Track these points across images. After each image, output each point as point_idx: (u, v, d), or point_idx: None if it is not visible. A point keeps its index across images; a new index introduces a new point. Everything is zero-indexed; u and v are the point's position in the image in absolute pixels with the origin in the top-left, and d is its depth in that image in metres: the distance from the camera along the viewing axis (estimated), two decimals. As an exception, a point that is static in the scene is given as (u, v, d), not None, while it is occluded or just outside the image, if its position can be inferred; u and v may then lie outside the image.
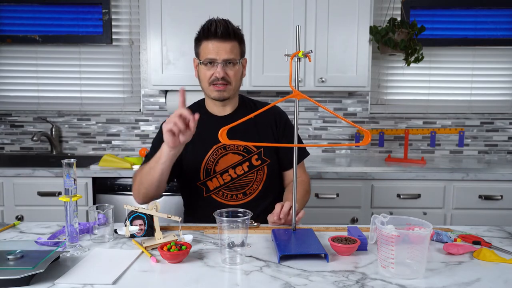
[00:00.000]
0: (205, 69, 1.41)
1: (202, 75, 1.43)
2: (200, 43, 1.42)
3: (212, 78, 1.40)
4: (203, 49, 1.40)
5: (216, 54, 1.38)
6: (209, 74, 1.40)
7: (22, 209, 2.23)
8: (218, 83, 1.40)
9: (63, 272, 0.94)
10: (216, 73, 1.38)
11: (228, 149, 1.46)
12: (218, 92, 1.42)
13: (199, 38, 1.42)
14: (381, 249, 0.94)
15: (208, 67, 1.40)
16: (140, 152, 2.43)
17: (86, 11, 2.78)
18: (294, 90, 1.10)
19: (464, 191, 2.22)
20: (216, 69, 1.39)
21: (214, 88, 1.41)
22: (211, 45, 1.38)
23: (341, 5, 2.36)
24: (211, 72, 1.40)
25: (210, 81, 1.41)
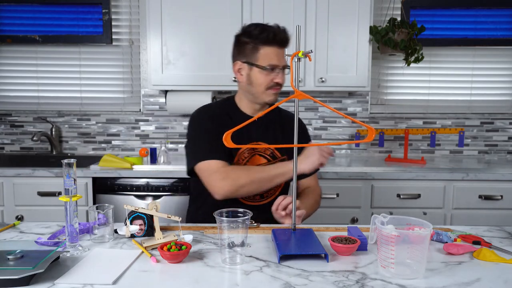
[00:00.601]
0: (263, 74, 1.42)
1: (260, 80, 1.43)
2: (258, 48, 1.42)
3: (272, 84, 1.43)
4: (263, 54, 1.41)
5: (278, 60, 1.41)
6: (268, 79, 1.42)
7: (22, 209, 2.23)
8: (277, 87, 1.45)
9: (63, 272, 0.94)
10: (278, 79, 1.42)
11: (256, 151, 1.50)
12: (274, 96, 1.46)
13: (256, 42, 1.42)
14: (381, 249, 0.94)
15: (268, 72, 1.42)
16: (140, 152, 2.43)
17: (86, 11, 2.78)
18: (296, 90, 1.10)
19: (464, 191, 2.22)
20: (276, 74, 1.42)
21: (271, 91, 1.45)
22: (272, 51, 1.41)
23: (341, 5, 2.36)
24: (270, 77, 1.42)
25: (269, 86, 1.44)
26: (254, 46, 1.42)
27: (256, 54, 1.42)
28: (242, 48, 1.46)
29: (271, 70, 1.41)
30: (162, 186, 2.26)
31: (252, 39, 1.42)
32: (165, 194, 2.26)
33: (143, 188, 2.26)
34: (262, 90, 1.45)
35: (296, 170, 1.20)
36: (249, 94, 1.49)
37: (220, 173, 1.38)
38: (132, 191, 2.26)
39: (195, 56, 2.40)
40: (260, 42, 1.41)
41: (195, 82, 2.42)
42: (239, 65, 1.47)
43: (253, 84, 1.45)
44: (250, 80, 1.45)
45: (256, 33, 1.42)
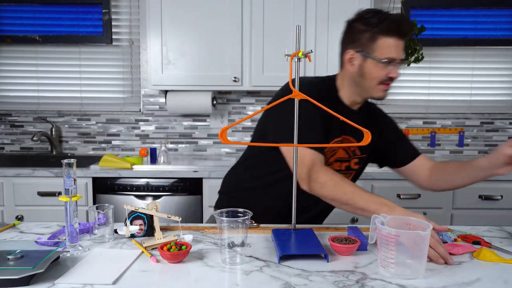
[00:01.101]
0: (379, 67, 1.27)
1: (374, 73, 1.29)
2: (376, 37, 1.26)
3: (385, 78, 1.29)
4: (382, 45, 1.26)
5: (396, 53, 1.27)
6: (383, 73, 1.28)
7: (22, 209, 2.23)
8: (390, 82, 1.31)
9: (63, 272, 0.94)
10: (393, 73, 1.28)
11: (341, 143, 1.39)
12: (385, 92, 1.33)
13: (374, 31, 1.26)
14: (381, 249, 0.94)
15: (384, 65, 1.27)
16: (140, 152, 2.43)
17: (86, 11, 2.78)
18: (294, 90, 1.10)
19: (464, 191, 2.22)
20: (391, 68, 1.28)
21: (383, 87, 1.31)
22: (392, 43, 1.26)
23: (341, 5, 2.36)
24: (385, 71, 1.28)
25: (381, 81, 1.29)
26: (372, 36, 1.26)
27: (374, 44, 1.27)
28: (357, 36, 1.30)
29: (388, 63, 1.27)
30: (162, 186, 2.26)
31: (370, 27, 1.27)
32: (165, 194, 2.26)
33: (143, 188, 2.26)
34: (373, 85, 1.30)
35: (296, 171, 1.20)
36: (357, 86, 1.34)
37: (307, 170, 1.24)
38: (132, 191, 2.26)
39: (195, 56, 2.40)
40: (380, 32, 1.25)
41: (195, 82, 2.42)
42: (351, 54, 1.32)
43: (365, 76, 1.30)
44: (362, 72, 1.30)
45: (375, 21, 1.26)
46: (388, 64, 1.27)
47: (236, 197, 1.49)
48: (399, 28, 1.25)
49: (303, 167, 1.24)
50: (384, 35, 1.25)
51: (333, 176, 1.24)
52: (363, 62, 1.30)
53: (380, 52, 1.26)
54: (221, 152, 2.84)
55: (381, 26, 1.25)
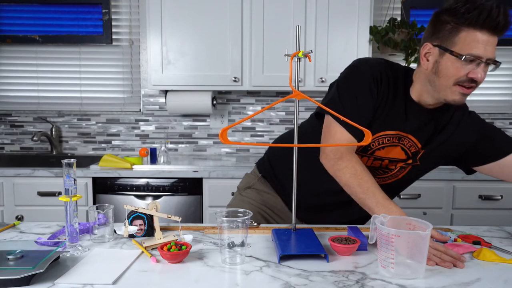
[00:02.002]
0: (458, 64, 1.08)
1: (451, 70, 1.09)
2: (459, 29, 1.07)
3: (464, 79, 1.09)
4: (465, 39, 1.07)
5: (484, 50, 1.07)
6: (463, 72, 1.08)
7: (22, 209, 2.23)
8: (470, 85, 1.10)
9: (63, 272, 0.94)
10: (477, 74, 1.08)
11: (400, 143, 1.23)
12: (462, 96, 1.12)
13: (458, 22, 1.07)
14: (381, 249, 0.94)
15: (466, 63, 1.08)
16: (140, 152, 2.43)
17: (86, 11, 2.78)
18: (294, 90, 1.10)
19: (464, 191, 2.22)
20: (475, 68, 1.08)
21: (461, 89, 1.11)
22: (481, 38, 1.06)
23: (341, 5, 2.36)
24: (465, 70, 1.08)
25: (459, 81, 1.10)
26: (455, 27, 1.08)
27: (455, 37, 1.08)
28: (439, 28, 1.12)
29: (470, 62, 1.07)
30: (162, 186, 2.26)
31: (455, 18, 1.07)
32: (165, 194, 2.26)
33: (143, 188, 2.26)
34: (449, 85, 1.11)
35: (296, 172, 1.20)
36: (430, 84, 1.16)
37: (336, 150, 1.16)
38: (132, 191, 2.26)
39: (195, 56, 2.40)
40: (465, 23, 1.06)
41: (195, 82, 2.42)
42: (427, 48, 1.15)
43: (439, 74, 1.12)
44: (437, 69, 1.12)
45: (463, 10, 1.06)
46: (470, 62, 1.08)
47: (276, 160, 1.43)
48: (492, 20, 1.04)
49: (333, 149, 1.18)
50: (471, 27, 1.06)
51: (355, 164, 1.15)
52: (439, 58, 1.12)
53: (461, 47, 1.07)
54: (221, 152, 2.84)
55: (467, 16, 1.05)
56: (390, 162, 1.27)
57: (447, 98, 1.14)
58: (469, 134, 1.29)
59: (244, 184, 1.52)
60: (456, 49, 1.08)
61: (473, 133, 1.30)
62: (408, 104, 1.21)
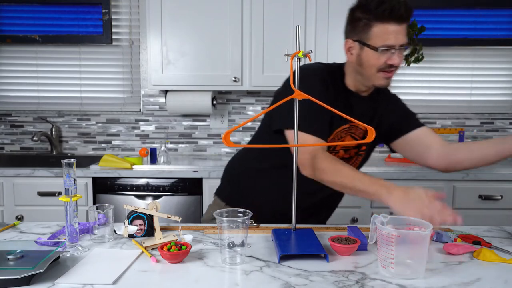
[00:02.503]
0: (376, 55, 1.23)
1: (371, 61, 1.25)
2: (371, 24, 1.22)
3: (385, 65, 1.24)
4: (378, 32, 1.21)
5: (395, 39, 1.21)
6: (382, 60, 1.23)
7: (22, 209, 2.23)
8: (391, 69, 1.26)
9: (63, 272, 0.94)
10: (393, 60, 1.23)
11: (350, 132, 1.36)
12: (387, 80, 1.28)
13: (369, 18, 1.22)
14: (381, 249, 0.94)
15: (383, 53, 1.22)
16: (140, 152, 2.43)
17: (86, 11, 2.78)
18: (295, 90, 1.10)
19: (464, 191, 2.22)
20: (391, 55, 1.23)
21: (384, 75, 1.26)
22: (391, 29, 1.20)
23: (341, 5, 2.35)
24: (384, 58, 1.23)
25: (380, 68, 1.25)
26: (367, 23, 1.23)
27: (369, 31, 1.23)
28: (355, 25, 1.28)
29: (386, 51, 1.22)
30: (162, 186, 2.26)
31: (366, 14, 1.23)
32: (165, 194, 2.26)
33: (143, 188, 2.26)
34: (373, 73, 1.27)
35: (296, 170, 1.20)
36: (359, 74, 1.32)
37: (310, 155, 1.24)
38: (132, 191, 2.26)
39: (195, 56, 2.40)
40: (375, 18, 1.21)
41: (195, 82, 2.42)
42: (349, 44, 1.30)
43: (363, 65, 1.28)
44: (361, 61, 1.28)
45: (372, 7, 1.21)
46: (386, 52, 1.23)
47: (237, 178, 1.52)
48: (396, 12, 1.19)
49: (305, 153, 1.24)
50: (379, 21, 1.21)
51: (332, 161, 1.23)
52: (360, 51, 1.27)
53: (376, 40, 1.22)
54: (221, 152, 2.84)
55: (375, 12, 1.21)
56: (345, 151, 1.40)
57: (375, 84, 1.31)
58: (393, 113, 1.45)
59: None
60: (372, 42, 1.23)
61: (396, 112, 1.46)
62: (349, 96, 1.35)
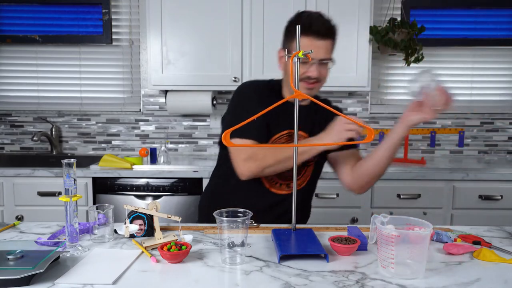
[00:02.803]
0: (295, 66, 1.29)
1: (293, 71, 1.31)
2: (295, 37, 1.27)
3: (304, 76, 1.33)
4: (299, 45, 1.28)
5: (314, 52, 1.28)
6: (301, 71, 1.31)
7: (22, 209, 2.23)
8: (310, 81, 1.34)
9: (63, 272, 0.94)
10: (310, 73, 1.32)
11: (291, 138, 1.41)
12: (308, 90, 1.35)
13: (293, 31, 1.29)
14: (381, 249, 0.94)
15: (302, 64, 1.31)
16: (140, 152, 2.43)
17: (86, 11, 2.78)
18: (295, 90, 1.10)
19: (464, 191, 2.22)
20: (309, 67, 1.31)
21: (304, 85, 1.34)
22: (309, 42, 1.29)
23: (341, 5, 2.36)
24: (303, 70, 1.32)
25: (301, 78, 1.32)
26: (292, 35, 1.33)
27: (292, 43, 1.32)
28: (285, 37, 1.40)
29: (304, 63, 1.30)
30: (162, 186, 2.26)
31: (292, 28, 1.33)
32: (165, 194, 2.26)
33: (143, 188, 2.26)
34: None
35: (296, 164, 1.20)
36: (286, 84, 1.42)
37: (247, 153, 1.33)
38: (132, 191, 2.26)
39: (195, 56, 2.40)
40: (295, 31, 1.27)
41: (195, 82, 2.42)
42: (281, 53, 1.40)
43: (287, 74, 1.38)
44: (286, 70, 1.39)
45: (295, 21, 1.33)
46: (304, 64, 1.31)
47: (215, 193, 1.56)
48: (314, 28, 1.29)
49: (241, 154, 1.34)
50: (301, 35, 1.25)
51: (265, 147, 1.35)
52: (286, 61, 1.36)
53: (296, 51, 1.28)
54: (221, 152, 2.83)
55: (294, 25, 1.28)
56: None
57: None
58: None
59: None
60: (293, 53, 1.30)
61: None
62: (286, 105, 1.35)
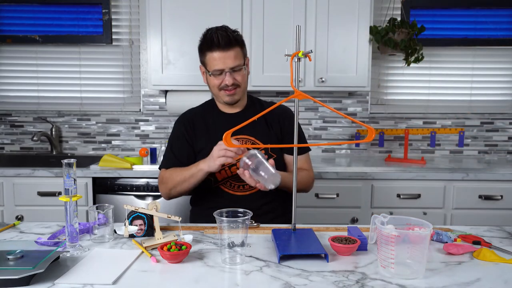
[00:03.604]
0: (213, 79, 1.48)
1: (212, 83, 1.50)
2: (205, 53, 1.47)
3: (222, 85, 1.47)
4: (209, 60, 1.46)
5: (223, 64, 1.43)
6: (218, 82, 1.47)
7: (22, 209, 2.23)
8: (228, 88, 1.47)
9: (63, 272, 0.94)
10: (226, 81, 1.45)
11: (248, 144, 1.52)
12: (229, 97, 1.50)
13: (202, 49, 1.47)
14: (381, 249, 0.94)
15: (217, 76, 1.46)
16: (140, 152, 2.43)
17: (86, 11, 2.78)
18: (295, 90, 1.10)
19: (464, 191, 2.22)
20: (224, 77, 1.45)
21: (225, 93, 1.48)
22: (216, 56, 1.43)
23: (341, 5, 2.36)
24: (219, 80, 1.46)
25: (220, 87, 1.48)
26: (202, 53, 1.49)
27: (204, 59, 1.48)
28: (200, 54, 1.52)
29: (218, 75, 1.46)
30: (162, 186, 2.26)
31: (200, 45, 1.48)
32: (165, 194, 2.26)
33: (143, 188, 2.26)
34: (216, 92, 1.51)
35: (296, 172, 1.20)
36: (214, 96, 1.58)
37: (160, 178, 1.56)
38: (132, 191, 2.26)
39: (195, 56, 2.36)
40: (206, 48, 1.45)
41: (195, 82, 2.42)
42: (202, 69, 1.55)
43: (209, 86, 1.54)
44: (208, 83, 1.53)
45: (203, 39, 1.47)
46: (218, 75, 1.46)
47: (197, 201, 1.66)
48: (216, 42, 1.41)
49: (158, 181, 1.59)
50: (208, 50, 1.45)
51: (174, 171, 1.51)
52: (206, 75, 1.52)
53: (209, 66, 1.47)
54: (221, 152, 2.83)
55: (204, 43, 1.46)
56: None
57: (222, 101, 1.54)
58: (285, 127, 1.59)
59: None
60: (208, 68, 1.48)
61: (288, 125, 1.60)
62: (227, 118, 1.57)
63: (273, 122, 1.58)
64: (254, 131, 1.54)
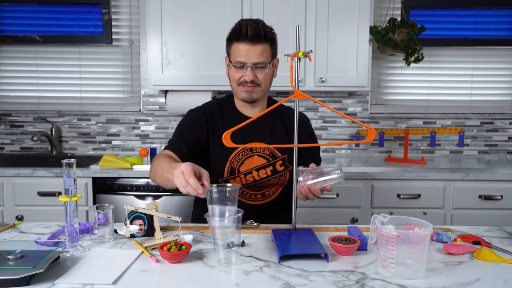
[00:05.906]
0: (234, 71, 1.41)
1: (232, 76, 1.43)
2: (231, 44, 1.40)
3: (241, 80, 1.40)
4: (234, 51, 1.39)
5: (246, 57, 1.37)
6: (238, 76, 1.40)
7: (22, 209, 2.23)
8: (247, 85, 1.40)
9: (63, 272, 0.94)
10: (245, 76, 1.38)
11: (254, 152, 1.46)
12: (247, 93, 1.42)
13: (230, 39, 1.41)
14: (381, 249, 0.94)
15: (238, 69, 1.39)
16: (140, 152, 2.43)
17: (86, 11, 2.78)
18: (295, 90, 1.10)
19: (464, 191, 2.22)
20: (245, 71, 1.38)
21: (243, 88, 1.41)
22: (241, 47, 1.36)
23: (341, 5, 2.36)
24: (240, 74, 1.40)
25: (239, 82, 1.41)
26: (229, 43, 1.42)
27: (230, 49, 1.42)
28: (226, 44, 1.45)
29: (239, 67, 1.39)
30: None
31: (229, 35, 1.42)
32: (165, 194, 2.26)
33: (143, 188, 2.26)
34: (235, 86, 1.44)
35: (296, 170, 1.20)
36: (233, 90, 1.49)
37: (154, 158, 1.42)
38: (132, 191, 2.26)
39: (195, 56, 2.40)
40: (233, 38, 1.39)
41: (195, 82, 2.42)
42: (226, 60, 1.47)
43: (229, 79, 1.46)
44: (228, 76, 1.46)
45: (232, 29, 1.40)
46: (239, 68, 1.39)
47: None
48: (244, 33, 1.35)
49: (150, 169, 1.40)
50: (235, 41, 1.38)
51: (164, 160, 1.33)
52: (229, 67, 1.44)
53: (232, 57, 1.40)
54: (221, 152, 2.83)
55: (232, 32, 1.39)
56: (257, 170, 1.45)
57: (239, 97, 1.45)
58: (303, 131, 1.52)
59: None
60: (230, 59, 1.41)
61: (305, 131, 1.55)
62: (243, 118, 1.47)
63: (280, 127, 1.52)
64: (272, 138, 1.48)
